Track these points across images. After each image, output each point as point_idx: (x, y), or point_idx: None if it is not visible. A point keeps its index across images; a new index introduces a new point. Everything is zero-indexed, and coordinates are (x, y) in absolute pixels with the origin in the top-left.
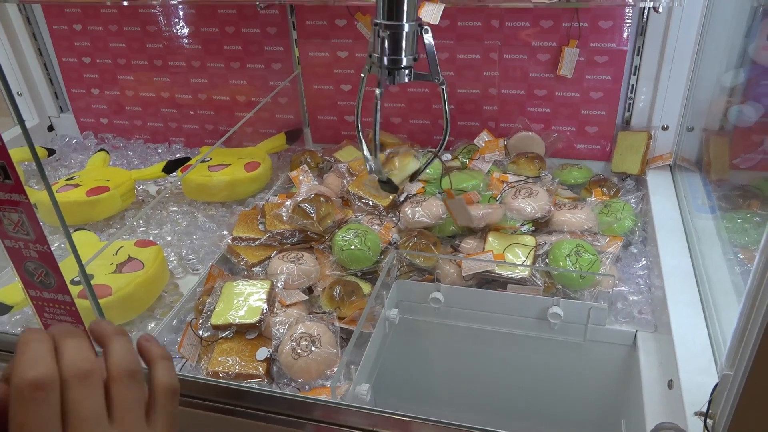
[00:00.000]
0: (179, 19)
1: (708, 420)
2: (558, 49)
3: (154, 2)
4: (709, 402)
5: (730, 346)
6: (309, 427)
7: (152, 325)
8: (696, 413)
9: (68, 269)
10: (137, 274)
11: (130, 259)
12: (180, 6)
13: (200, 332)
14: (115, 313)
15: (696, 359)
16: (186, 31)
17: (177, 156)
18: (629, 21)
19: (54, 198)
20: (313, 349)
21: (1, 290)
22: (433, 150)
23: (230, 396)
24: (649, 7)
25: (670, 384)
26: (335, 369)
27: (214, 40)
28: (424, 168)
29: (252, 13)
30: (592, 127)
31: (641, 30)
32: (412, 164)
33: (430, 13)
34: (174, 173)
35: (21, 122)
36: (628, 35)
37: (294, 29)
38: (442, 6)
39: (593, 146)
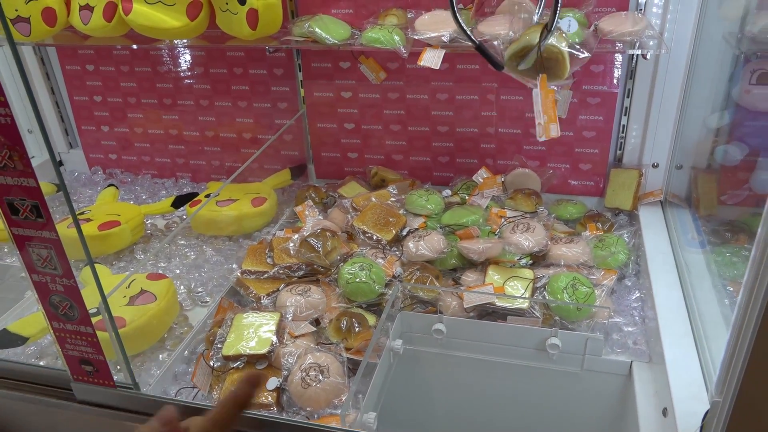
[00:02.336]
0: (189, 60)
1: None
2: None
3: (161, 46)
4: (701, 428)
5: (719, 375)
6: None
7: (164, 356)
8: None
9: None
10: (150, 306)
11: (142, 291)
12: (189, 48)
13: (212, 363)
14: (130, 344)
15: (689, 387)
16: (195, 71)
17: (185, 191)
18: (619, 66)
19: (81, 234)
20: (321, 378)
21: (17, 322)
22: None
23: (245, 424)
24: (637, 54)
25: (664, 412)
26: (343, 398)
27: (222, 80)
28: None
29: (260, 55)
30: (585, 165)
31: (631, 74)
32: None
33: (431, 59)
34: (182, 208)
35: (54, 160)
36: (618, 78)
37: (300, 71)
38: (443, 51)
39: (587, 182)
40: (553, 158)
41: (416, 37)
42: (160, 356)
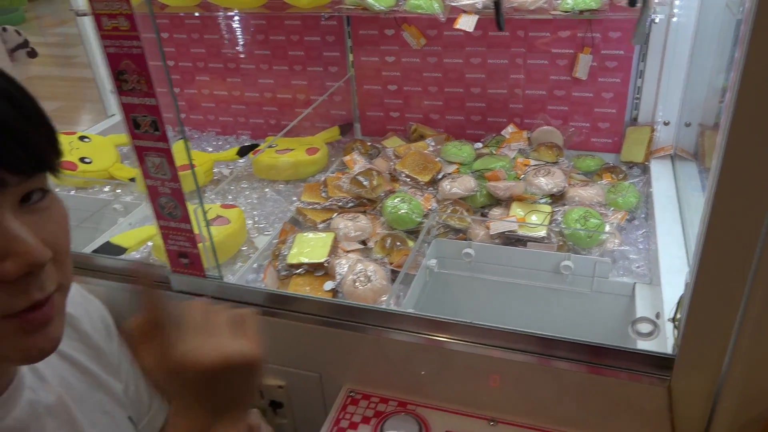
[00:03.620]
0: (252, 29)
1: (676, 320)
2: (574, 56)
3: (219, 14)
4: (677, 304)
5: (691, 263)
6: (370, 330)
7: (238, 265)
8: (668, 319)
9: None
10: (225, 227)
11: (218, 216)
12: (253, 18)
13: (278, 270)
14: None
15: (678, 294)
16: (257, 38)
17: (247, 143)
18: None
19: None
20: (370, 281)
21: (118, 236)
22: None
23: (314, 308)
24: (651, 20)
25: (657, 315)
26: (386, 296)
27: (280, 46)
28: None
29: (314, 23)
30: (604, 123)
31: (645, 39)
32: None
33: (466, 23)
34: (246, 156)
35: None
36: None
37: (349, 38)
38: (476, 17)
39: (605, 140)
40: (575, 117)
41: (453, 4)
42: (235, 265)
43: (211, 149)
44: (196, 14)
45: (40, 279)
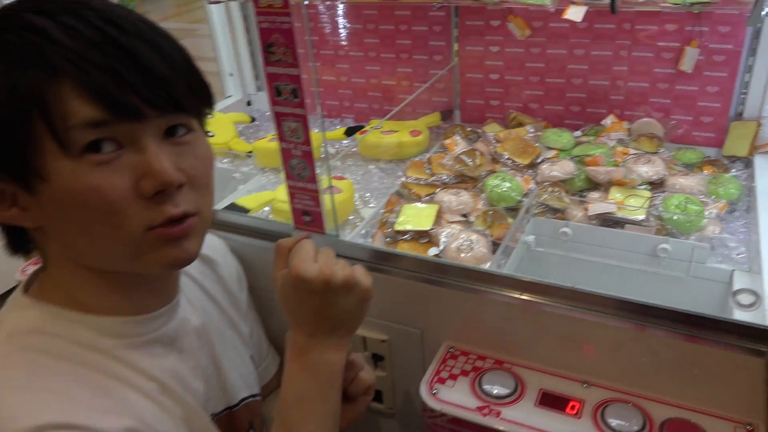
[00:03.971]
0: (363, 18)
1: None
2: (680, 49)
3: (338, 2)
4: None
5: None
6: (472, 291)
7: (347, 231)
8: None
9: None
10: (337, 195)
11: (330, 186)
12: (365, 8)
13: (386, 236)
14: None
15: None
16: (368, 27)
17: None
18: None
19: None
20: (472, 249)
21: (242, 198)
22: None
23: (423, 267)
24: (764, 15)
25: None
26: (488, 264)
27: (389, 35)
28: None
29: (423, 14)
30: (707, 117)
31: (756, 33)
32: None
33: (574, 13)
34: (352, 137)
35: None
36: (743, 38)
37: (456, 27)
38: (585, 8)
39: (708, 134)
40: (677, 111)
41: None
42: (345, 231)
43: (317, 130)
44: (317, 3)
45: (175, 198)
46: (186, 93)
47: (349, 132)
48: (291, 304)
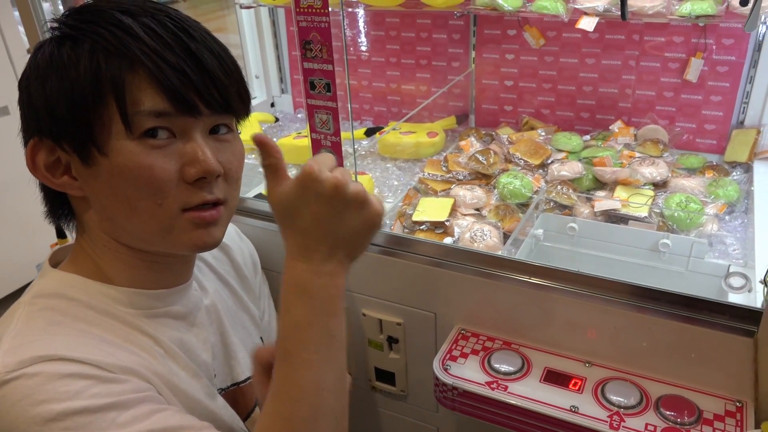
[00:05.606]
0: (385, 25)
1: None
2: (686, 60)
3: (359, 10)
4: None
5: None
6: (484, 275)
7: None
8: (759, 281)
9: None
10: None
11: (356, 177)
12: (388, 15)
13: (404, 226)
14: None
15: None
16: (390, 33)
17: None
18: (748, 39)
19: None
20: (484, 238)
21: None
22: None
23: (431, 249)
24: (766, 29)
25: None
26: (500, 252)
27: (409, 42)
28: None
29: (443, 22)
30: (710, 125)
31: (758, 46)
32: None
33: (587, 23)
34: (372, 137)
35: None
36: (746, 50)
37: (474, 36)
38: (597, 19)
39: (710, 141)
40: (681, 118)
41: (575, 6)
42: None
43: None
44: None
45: (212, 186)
46: (235, 98)
47: (369, 132)
48: (292, 211)
